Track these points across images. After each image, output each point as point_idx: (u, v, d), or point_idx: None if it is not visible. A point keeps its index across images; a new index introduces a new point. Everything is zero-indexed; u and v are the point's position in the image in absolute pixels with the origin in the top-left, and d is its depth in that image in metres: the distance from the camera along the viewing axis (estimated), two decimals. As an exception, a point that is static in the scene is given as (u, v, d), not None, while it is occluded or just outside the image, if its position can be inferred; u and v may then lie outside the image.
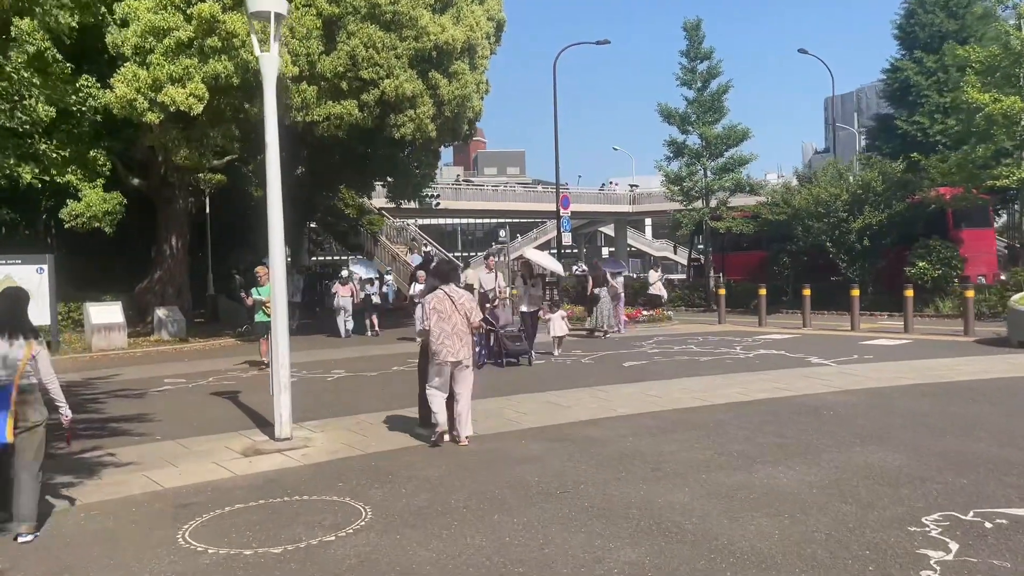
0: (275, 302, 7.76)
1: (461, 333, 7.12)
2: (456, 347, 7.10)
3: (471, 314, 7.22)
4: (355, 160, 22.12)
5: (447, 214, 55.61)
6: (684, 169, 24.30)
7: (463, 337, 7.14)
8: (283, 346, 7.76)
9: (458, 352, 7.12)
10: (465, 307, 7.19)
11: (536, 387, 10.36)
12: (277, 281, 7.75)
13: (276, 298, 7.75)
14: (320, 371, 12.64)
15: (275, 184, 7.75)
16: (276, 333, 7.74)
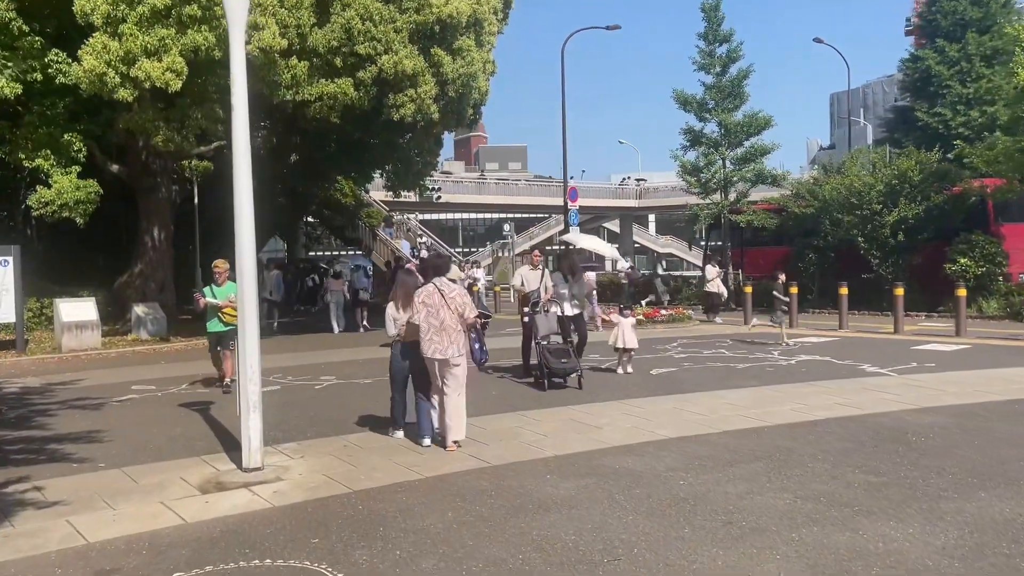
0: (243, 303, 6.33)
1: (450, 329, 6.74)
2: (444, 344, 6.70)
3: (463, 310, 6.82)
4: (352, 147, 20.67)
5: (448, 208, 54.18)
6: (702, 159, 22.85)
7: (452, 334, 6.74)
8: (252, 356, 6.35)
9: (446, 349, 6.70)
10: (456, 302, 6.80)
11: (555, 399, 8.94)
12: (246, 278, 6.32)
13: (245, 298, 6.32)
14: (307, 377, 11.23)
15: (243, 153, 6.35)
16: (244, 340, 6.32)
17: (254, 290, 6.38)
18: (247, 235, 6.30)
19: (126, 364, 13.56)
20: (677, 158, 23.13)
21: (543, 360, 9.61)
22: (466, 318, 6.84)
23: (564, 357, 9.70)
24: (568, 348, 9.84)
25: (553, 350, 9.74)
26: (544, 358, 9.64)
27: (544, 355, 9.66)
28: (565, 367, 9.64)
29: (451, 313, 6.76)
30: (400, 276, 7.72)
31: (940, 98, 31.81)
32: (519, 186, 53.71)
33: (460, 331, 6.83)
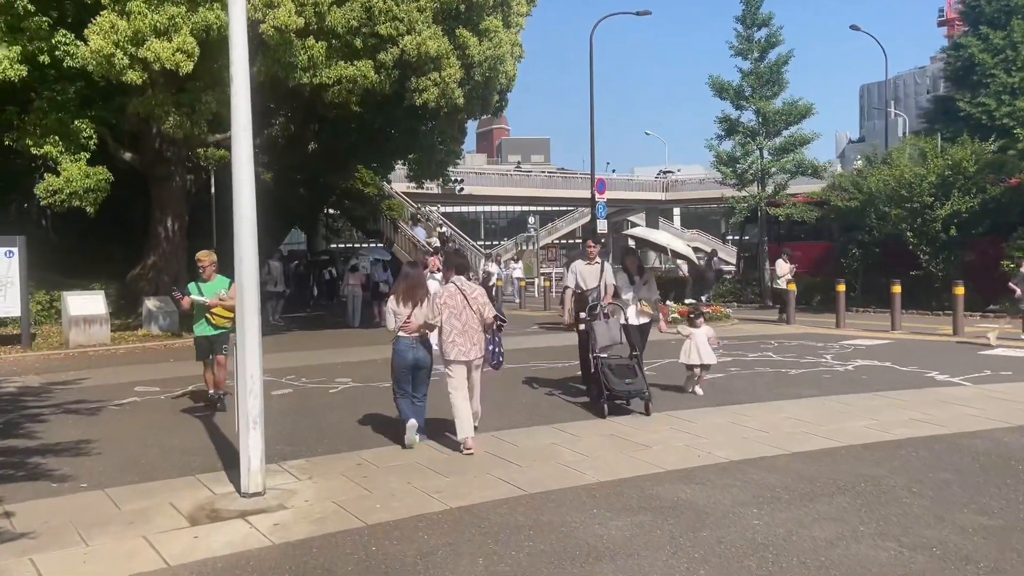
0: (243, 301, 5.51)
1: (472, 331, 6.64)
2: (467, 346, 6.62)
3: (484, 310, 6.70)
4: (373, 136, 19.88)
5: (471, 200, 53.39)
6: (738, 149, 21.75)
7: (474, 336, 6.66)
8: (253, 364, 5.54)
9: (469, 351, 6.63)
10: (478, 302, 6.68)
11: (594, 408, 8.06)
12: (245, 272, 5.49)
13: (245, 296, 5.50)
14: (321, 379, 10.44)
15: (243, 124, 5.48)
16: (244, 345, 5.50)
17: (255, 286, 5.54)
18: (247, 222, 5.48)
19: (133, 361, 12.87)
20: (712, 148, 22.04)
21: (603, 379, 7.74)
22: (486, 319, 6.72)
23: (629, 376, 7.78)
24: (633, 365, 7.95)
25: (615, 367, 7.85)
26: (604, 377, 7.73)
27: (604, 373, 7.75)
28: (630, 388, 7.73)
29: (474, 314, 6.64)
30: (404, 269, 7.50)
31: (983, 87, 30.42)
32: (543, 178, 52.71)
33: (481, 332, 6.75)
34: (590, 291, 8.67)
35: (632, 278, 8.75)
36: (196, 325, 8.50)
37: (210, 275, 8.47)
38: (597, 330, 8.04)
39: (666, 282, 22.17)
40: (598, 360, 7.92)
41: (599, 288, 8.66)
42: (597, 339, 8.01)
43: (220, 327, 8.32)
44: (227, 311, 8.03)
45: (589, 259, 9.02)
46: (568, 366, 11.04)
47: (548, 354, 12.33)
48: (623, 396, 7.84)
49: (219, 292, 8.31)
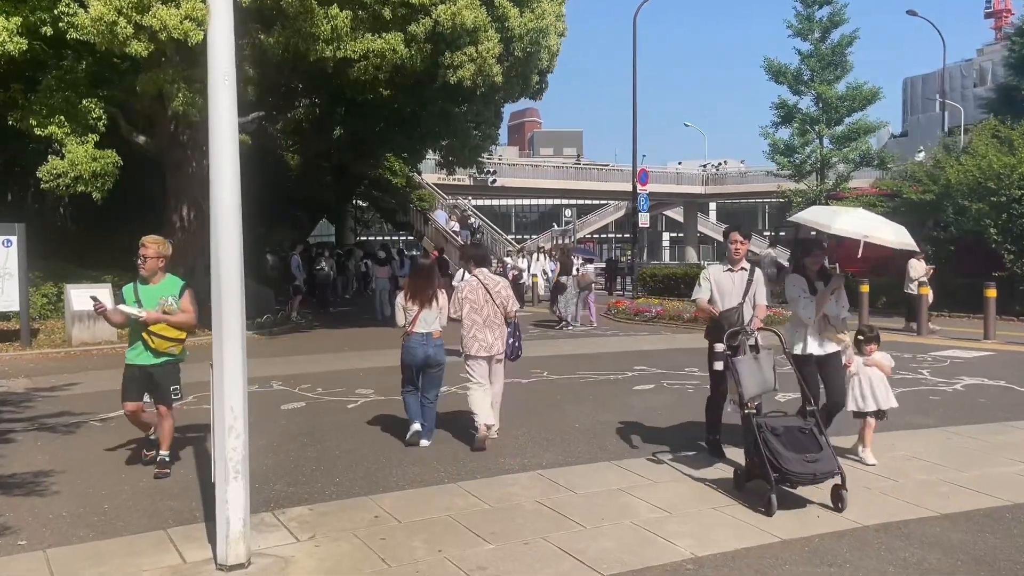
0: (221, 309, 4.17)
1: (494, 325, 6.53)
2: (490, 340, 6.51)
3: (508, 303, 6.60)
4: (402, 122, 18.54)
5: (503, 193, 52.00)
6: (796, 138, 20.07)
7: (496, 329, 6.53)
8: (235, 392, 4.20)
9: (492, 346, 6.51)
10: (501, 295, 6.56)
11: (654, 434, 6.61)
12: (225, 269, 4.15)
13: (224, 301, 4.16)
14: (340, 389, 9.11)
15: (223, 69, 4.13)
16: (222, 368, 4.17)
17: (237, 289, 4.19)
18: (227, 196, 4.15)
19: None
20: (767, 135, 20.42)
21: (769, 455, 4.79)
22: (509, 312, 6.58)
23: (810, 449, 4.85)
24: (812, 429, 4.98)
25: (786, 433, 4.90)
26: (770, 451, 4.79)
27: (767, 443, 4.82)
28: (814, 469, 4.77)
29: (496, 308, 6.51)
30: (416, 262, 7.20)
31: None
32: (577, 170, 51.14)
33: (503, 326, 6.60)
34: (731, 311, 5.80)
35: (813, 285, 5.93)
36: (129, 348, 5.94)
37: (154, 273, 5.92)
38: (743, 371, 5.24)
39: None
40: (753, 421, 4.95)
41: (742, 306, 5.86)
42: (744, 385, 5.17)
43: (164, 354, 5.84)
44: (175, 330, 5.86)
45: (732, 262, 6.03)
46: (623, 378, 9.58)
47: (597, 362, 10.88)
48: (803, 480, 4.80)
49: (163, 301, 5.81)
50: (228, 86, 4.10)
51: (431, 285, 6.47)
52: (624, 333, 14.52)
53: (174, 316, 5.88)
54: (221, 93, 4.08)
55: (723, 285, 6.01)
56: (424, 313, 6.37)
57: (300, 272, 17.01)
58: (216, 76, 4.09)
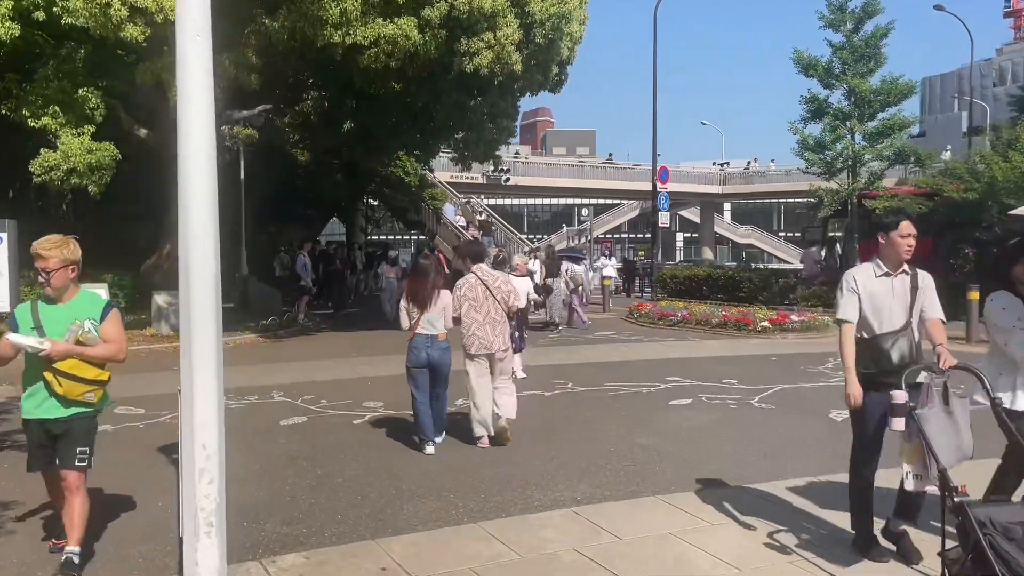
0: (191, 324, 3.35)
1: (494, 321, 6.39)
2: (489, 337, 6.36)
3: (509, 298, 6.46)
4: (415, 116, 17.77)
5: (516, 192, 51.16)
6: (827, 133, 19.12)
7: (496, 325, 6.38)
8: (208, 426, 3.41)
9: (492, 343, 6.37)
10: (502, 291, 6.43)
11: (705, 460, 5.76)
12: (197, 276, 3.34)
13: (194, 316, 3.34)
14: (346, 401, 8.31)
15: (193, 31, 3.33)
16: (192, 398, 3.36)
17: (212, 296, 3.38)
18: (199, 185, 3.33)
19: (131, 369, 10.84)
20: (796, 131, 19.47)
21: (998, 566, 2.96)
22: (511, 307, 6.46)
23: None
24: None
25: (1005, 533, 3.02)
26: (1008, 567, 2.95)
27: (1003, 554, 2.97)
28: None
29: (496, 305, 6.37)
30: (416, 262, 6.91)
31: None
32: (592, 169, 50.20)
33: (505, 322, 6.46)
34: (893, 335, 3.99)
35: None
36: (26, 397, 4.14)
37: (64, 289, 4.05)
38: (933, 431, 3.51)
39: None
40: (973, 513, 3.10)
41: (911, 328, 4.01)
42: (936, 450, 3.44)
43: (76, 404, 4.04)
44: (94, 368, 4.07)
45: (890, 264, 4.07)
46: (656, 390, 8.72)
47: (625, 372, 10.02)
48: None
49: (77, 326, 3.99)
50: (201, 45, 3.28)
51: (430, 285, 6.25)
52: (649, 339, 13.67)
53: (93, 348, 4.00)
54: (191, 52, 3.26)
55: (878, 297, 4.02)
56: (427, 314, 6.20)
57: (306, 272, 16.22)
58: (186, 36, 3.27)
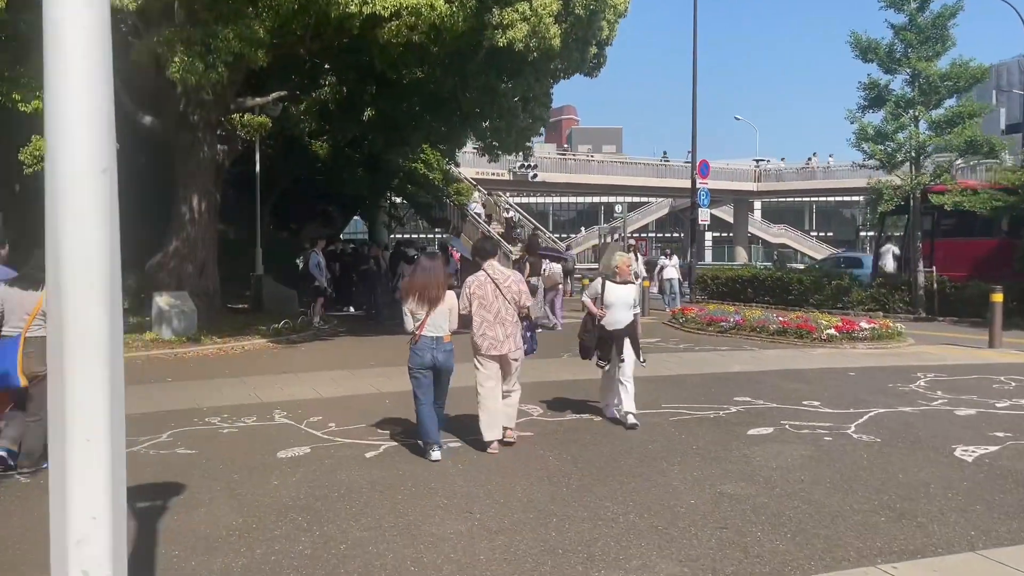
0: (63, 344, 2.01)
1: (506, 321, 6.14)
2: (500, 338, 6.12)
3: (520, 297, 6.21)
4: (439, 102, 16.47)
5: (542, 189, 49.82)
6: (890, 122, 17.49)
7: (508, 326, 6.15)
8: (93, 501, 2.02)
9: (503, 344, 6.12)
10: (512, 291, 6.18)
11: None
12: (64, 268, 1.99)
13: (65, 333, 2.00)
14: (359, 425, 7.00)
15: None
16: (68, 465, 2.01)
17: (102, 302, 2.04)
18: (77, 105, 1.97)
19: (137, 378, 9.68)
20: (854, 119, 17.85)
21: None
22: (522, 306, 6.25)
23: None
24: None
25: None
26: None
27: None
28: None
29: (507, 303, 6.16)
30: (420, 261, 6.40)
31: None
32: (621, 165, 48.61)
33: (516, 322, 6.23)
34: None
35: None
36: None
37: None
38: None
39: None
40: None
41: None
42: None
43: None
44: None
45: None
46: (725, 415, 7.29)
47: (683, 389, 8.59)
48: None
49: None
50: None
51: (436, 284, 5.96)
52: (700, 347, 12.22)
53: None
54: None
55: None
56: (433, 315, 5.91)
57: (320, 272, 14.95)
58: None
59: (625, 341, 6.89)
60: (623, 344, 6.87)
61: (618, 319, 6.89)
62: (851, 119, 17.88)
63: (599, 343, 6.94)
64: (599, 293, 6.98)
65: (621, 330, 6.90)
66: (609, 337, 6.90)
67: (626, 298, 6.95)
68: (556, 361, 10.94)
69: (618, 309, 6.89)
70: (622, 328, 6.89)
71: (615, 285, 6.97)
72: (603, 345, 6.92)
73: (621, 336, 6.89)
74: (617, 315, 6.89)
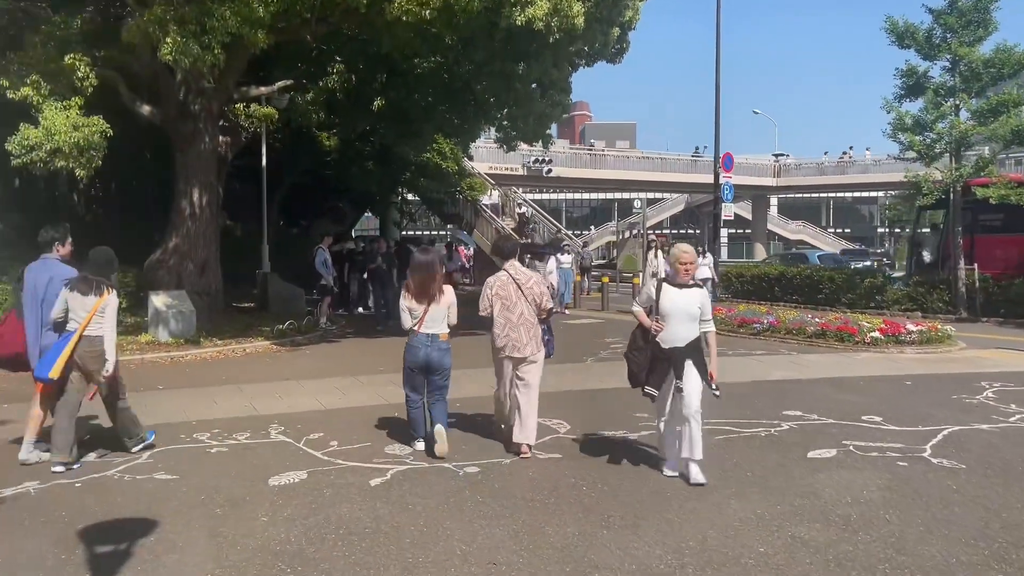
0: None
1: (528, 323, 5.91)
2: (523, 340, 5.88)
3: (541, 299, 5.97)
4: (452, 92, 15.64)
5: (556, 184, 48.93)
6: (930, 111, 16.50)
7: (531, 328, 5.91)
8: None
9: (525, 346, 5.87)
10: (534, 292, 5.96)
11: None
12: None
13: None
14: (364, 444, 6.20)
15: None
16: None
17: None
18: None
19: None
20: (892, 109, 16.87)
21: None
22: (543, 308, 5.98)
23: None
24: None
25: None
26: None
27: None
28: None
29: (529, 305, 5.93)
30: (415, 257, 6.19)
31: None
32: (637, 160, 47.63)
33: (538, 325, 5.97)
34: None
35: None
36: None
37: None
38: None
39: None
40: None
41: None
42: None
43: None
44: None
45: None
46: (777, 433, 6.43)
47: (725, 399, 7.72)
48: None
49: None
50: None
51: (434, 279, 5.89)
52: (734, 351, 11.35)
53: None
54: None
55: None
56: (431, 311, 5.84)
57: (327, 270, 14.15)
58: None
59: (687, 364, 5.24)
60: (684, 367, 5.24)
61: (678, 334, 5.26)
62: (887, 108, 16.92)
63: (651, 365, 5.31)
64: (653, 299, 5.38)
65: (682, 349, 5.25)
66: (665, 358, 5.28)
67: (688, 306, 5.28)
68: (579, 367, 10.11)
69: (678, 320, 5.27)
70: (683, 346, 5.26)
71: (674, 288, 5.34)
72: (657, 368, 5.29)
73: (682, 357, 5.25)
74: (677, 329, 5.27)
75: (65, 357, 5.46)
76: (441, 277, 6.03)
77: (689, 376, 5.23)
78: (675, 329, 5.28)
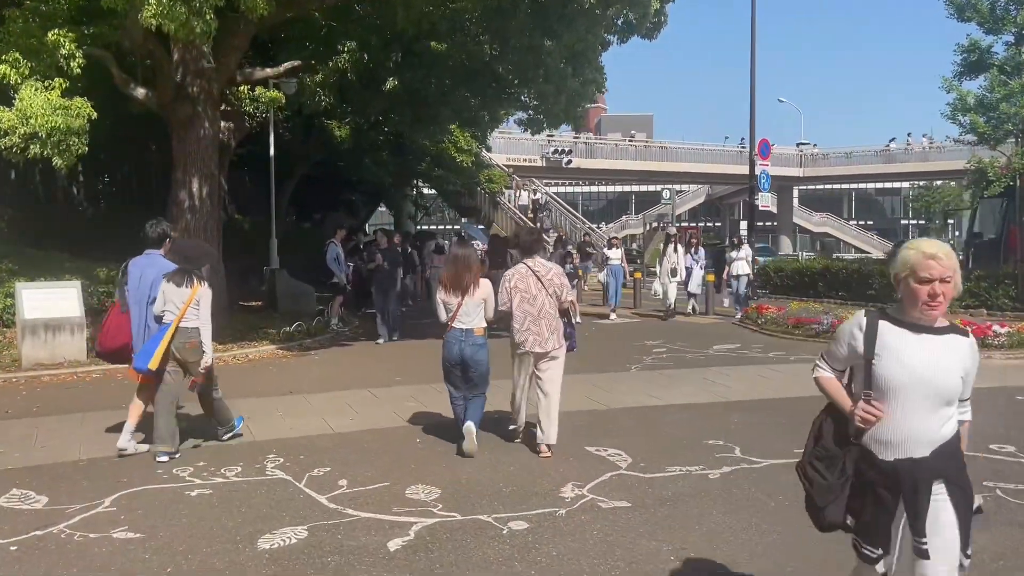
0: None
1: (549, 316, 5.73)
2: (544, 334, 5.71)
3: (562, 292, 5.79)
4: (472, 75, 14.40)
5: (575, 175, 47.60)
6: (997, 89, 15.08)
7: (551, 321, 5.73)
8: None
9: (546, 341, 5.71)
10: (555, 284, 5.78)
11: None
12: None
13: None
14: (379, 485, 5.00)
15: None
16: None
17: None
18: None
19: (95, 403, 7.74)
20: (952, 88, 15.48)
21: None
22: (564, 301, 5.81)
23: None
24: None
25: None
26: None
27: None
28: None
29: (550, 298, 5.74)
30: (451, 250, 6.44)
31: None
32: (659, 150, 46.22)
33: (559, 319, 5.81)
34: None
35: None
36: None
37: None
38: None
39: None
40: None
41: None
42: None
43: None
44: None
45: None
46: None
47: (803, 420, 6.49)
48: None
49: None
50: None
51: (468, 270, 5.71)
52: (795, 356, 10.07)
53: None
54: None
55: None
56: (466, 305, 5.66)
57: (340, 267, 12.89)
58: None
59: (937, 495, 2.54)
60: (924, 507, 2.52)
61: (914, 430, 2.56)
62: (946, 87, 15.53)
63: (858, 494, 2.66)
64: (859, 353, 2.66)
65: (922, 464, 2.55)
66: (889, 484, 2.58)
67: (942, 372, 2.56)
68: (623, 377, 8.87)
69: (915, 402, 2.56)
70: (926, 459, 2.55)
71: (907, 332, 2.59)
72: (872, 505, 2.62)
73: (923, 483, 2.54)
74: (912, 419, 2.57)
75: (163, 348, 5.53)
76: (478, 269, 5.86)
77: (940, 522, 2.52)
78: (909, 419, 2.56)
